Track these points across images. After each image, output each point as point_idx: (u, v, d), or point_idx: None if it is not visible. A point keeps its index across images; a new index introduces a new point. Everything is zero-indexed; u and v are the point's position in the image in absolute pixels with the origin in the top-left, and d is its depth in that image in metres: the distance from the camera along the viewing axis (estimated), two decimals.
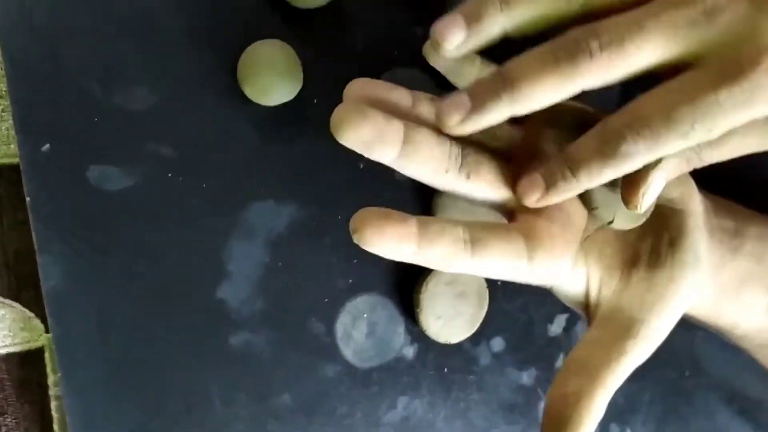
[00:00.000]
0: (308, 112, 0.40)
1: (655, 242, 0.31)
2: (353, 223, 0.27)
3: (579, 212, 0.32)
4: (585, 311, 0.33)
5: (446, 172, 0.29)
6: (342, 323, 0.42)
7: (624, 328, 0.30)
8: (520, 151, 0.31)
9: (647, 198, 0.28)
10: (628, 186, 0.28)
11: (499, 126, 0.30)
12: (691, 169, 0.29)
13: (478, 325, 0.44)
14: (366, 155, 0.28)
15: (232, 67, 0.39)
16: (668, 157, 0.27)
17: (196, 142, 0.39)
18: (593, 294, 0.32)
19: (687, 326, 0.35)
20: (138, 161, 0.38)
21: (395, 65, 0.41)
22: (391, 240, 0.26)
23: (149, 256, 0.39)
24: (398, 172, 0.28)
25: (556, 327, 0.46)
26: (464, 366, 0.45)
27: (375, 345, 0.43)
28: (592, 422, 0.28)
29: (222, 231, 0.40)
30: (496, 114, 0.27)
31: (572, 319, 0.46)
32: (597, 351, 0.29)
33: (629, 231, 0.31)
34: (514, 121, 0.30)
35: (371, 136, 0.27)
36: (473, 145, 0.30)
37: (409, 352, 0.43)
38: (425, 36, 0.30)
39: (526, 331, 0.46)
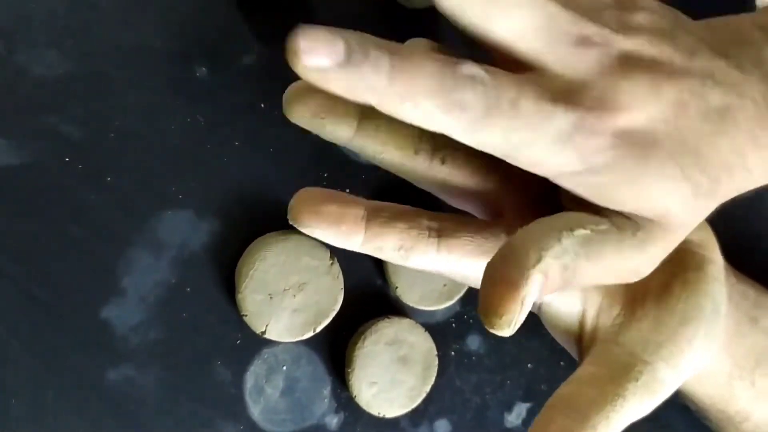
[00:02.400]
0: (258, 122, 0.37)
1: (666, 279, 0.29)
2: (291, 202, 0.25)
3: None
4: (577, 343, 0.30)
5: (416, 153, 0.27)
6: (254, 373, 0.37)
7: (623, 367, 0.27)
8: None
9: (525, 306, 0.22)
10: (501, 288, 0.22)
11: None
12: (564, 286, 0.24)
13: (420, 399, 0.38)
14: (319, 131, 0.26)
15: (168, 39, 0.35)
16: (547, 256, 0.22)
17: (108, 125, 0.35)
18: (589, 322, 0.29)
19: None
20: (32, 137, 0.34)
21: None
22: (330, 222, 0.25)
23: (23, 253, 0.34)
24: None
25: (515, 417, 0.40)
26: None
27: (291, 406, 0.37)
28: None
29: (121, 237, 0.35)
30: (363, 90, 0.21)
31: (535, 410, 0.40)
32: (589, 389, 0.26)
33: None
34: None
35: (321, 108, 0.26)
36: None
37: (333, 421, 0.38)
38: None
39: (477, 417, 0.40)
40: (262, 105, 0.37)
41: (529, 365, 0.41)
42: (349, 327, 0.38)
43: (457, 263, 0.26)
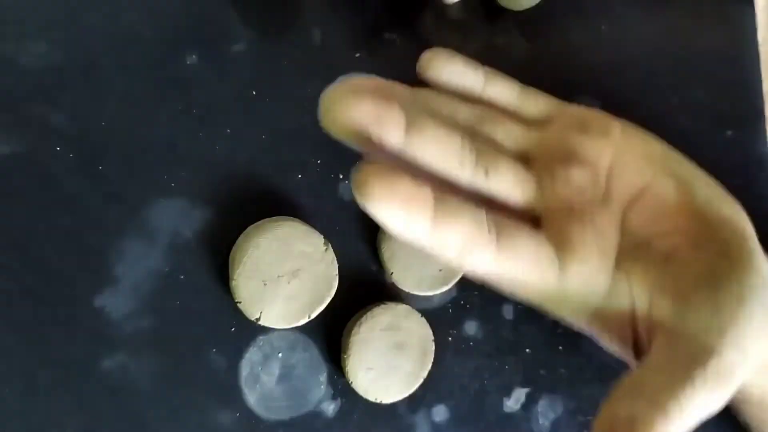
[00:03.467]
0: (250, 109, 0.36)
1: (713, 262, 0.28)
2: (358, 175, 0.23)
3: (609, 224, 0.29)
4: (632, 342, 0.29)
5: (461, 164, 0.26)
6: (249, 361, 0.36)
7: (691, 355, 0.26)
8: (541, 154, 0.29)
9: None
10: None
11: (515, 127, 0.29)
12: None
13: (417, 385, 0.37)
14: (365, 146, 0.25)
15: (157, 28, 0.34)
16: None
17: (98, 114, 0.35)
18: (642, 317, 0.28)
19: None
20: (22, 127, 0.34)
21: None
22: (403, 202, 0.23)
23: (15, 243, 0.33)
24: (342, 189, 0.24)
25: (514, 402, 0.40)
26: None
27: (287, 393, 0.37)
28: None
29: (113, 226, 0.35)
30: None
31: (534, 395, 0.40)
32: (658, 376, 0.25)
33: (679, 248, 0.28)
34: (531, 124, 0.29)
35: (367, 119, 0.24)
36: (487, 142, 0.28)
37: (329, 408, 0.37)
38: None
39: (476, 402, 0.39)
40: (254, 92, 0.37)
41: (527, 350, 0.40)
42: (345, 313, 0.37)
43: (515, 267, 0.25)
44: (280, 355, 0.36)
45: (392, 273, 0.37)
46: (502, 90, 0.30)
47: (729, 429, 0.41)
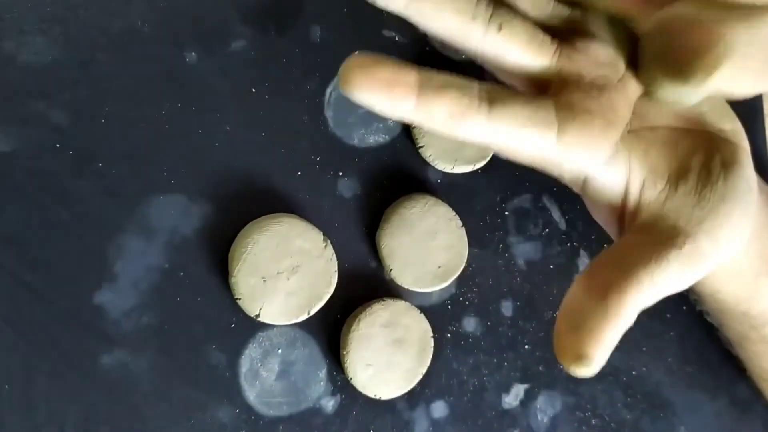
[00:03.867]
0: (249, 106, 0.36)
1: (706, 159, 0.29)
2: (342, 66, 0.24)
3: (621, 102, 0.29)
4: (618, 221, 0.30)
5: (473, 19, 0.26)
6: (249, 357, 0.36)
7: (667, 235, 0.27)
8: (564, 29, 0.29)
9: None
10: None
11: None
12: None
13: (416, 381, 0.38)
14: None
15: (157, 24, 0.34)
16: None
17: (97, 111, 0.34)
18: (633, 195, 0.29)
19: None
20: (21, 123, 0.33)
21: None
22: (384, 87, 0.24)
23: (14, 240, 0.33)
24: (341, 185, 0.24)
25: (512, 398, 0.40)
26: (395, 430, 0.38)
27: (287, 389, 0.36)
28: (620, 323, 0.25)
29: (112, 222, 0.34)
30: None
31: (533, 391, 0.40)
32: (633, 251, 0.26)
33: (679, 139, 0.29)
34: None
35: None
36: (505, 6, 0.28)
37: (329, 404, 0.37)
38: None
39: (475, 398, 0.39)
40: (253, 90, 0.37)
41: (526, 346, 0.40)
42: (344, 309, 0.37)
43: (508, 132, 0.26)
44: (279, 351, 0.36)
45: (391, 269, 0.37)
46: None
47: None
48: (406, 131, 0.39)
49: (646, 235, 0.28)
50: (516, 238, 0.40)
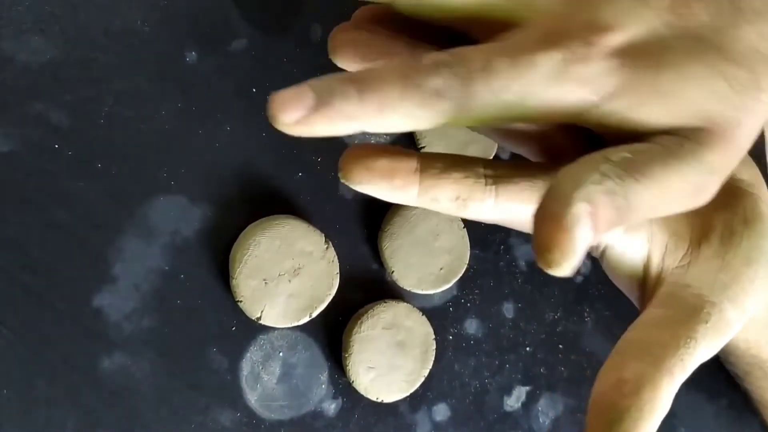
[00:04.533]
0: (250, 106, 0.36)
1: (728, 218, 0.28)
2: (341, 159, 0.24)
3: None
4: (640, 288, 0.29)
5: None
6: (250, 360, 0.36)
7: (693, 309, 0.26)
8: None
9: (578, 240, 0.20)
10: (547, 223, 0.21)
11: None
12: (623, 217, 0.23)
13: (418, 384, 0.37)
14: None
15: (157, 24, 0.34)
16: (587, 184, 0.21)
17: (97, 111, 0.34)
18: (655, 263, 0.28)
19: None
20: (20, 124, 0.33)
21: None
22: (383, 175, 0.24)
23: (13, 242, 0.33)
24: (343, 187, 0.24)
25: (514, 400, 0.39)
26: None
27: (289, 393, 0.36)
28: (656, 417, 0.24)
29: (112, 224, 0.34)
30: (344, 120, 0.22)
31: (534, 393, 0.40)
32: (660, 332, 0.25)
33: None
34: None
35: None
36: None
37: (331, 407, 0.37)
38: None
39: (477, 401, 0.39)
40: (254, 90, 0.37)
41: (527, 348, 0.40)
42: (346, 312, 0.37)
43: (516, 210, 0.25)
44: (280, 354, 0.36)
45: (393, 271, 0.37)
46: None
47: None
48: (408, 133, 0.39)
49: (669, 308, 0.27)
50: (517, 239, 0.40)
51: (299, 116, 0.21)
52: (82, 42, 0.34)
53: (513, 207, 0.25)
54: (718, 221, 0.28)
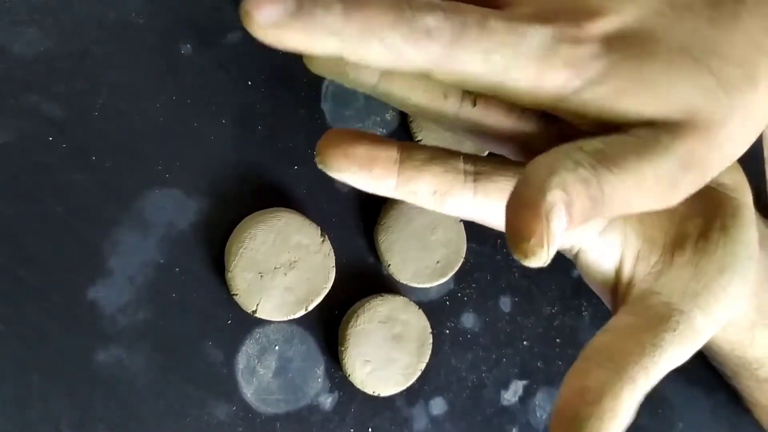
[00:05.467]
0: (246, 99, 0.35)
1: (705, 224, 0.28)
2: (319, 144, 0.23)
3: None
4: (612, 293, 0.29)
5: (446, 97, 0.25)
6: (246, 353, 0.35)
7: (661, 317, 0.26)
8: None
9: (553, 228, 0.20)
10: (522, 211, 0.20)
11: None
12: (598, 209, 0.22)
13: (415, 378, 0.37)
14: (339, 79, 0.24)
15: (151, 16, 0.33)
16: (561, 171, 0.21)
17: (91, 104, 0.34)
18: (626, 269, 0.28)
19: None
20: (13, 116, 0.32)
21: None
22: (362, 163, 0.23)
23: (6, 234, 0.32)
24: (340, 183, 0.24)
25: (511, 394, 0.39)
26: (393, 427, 0.38)
27: (284, 386, 0.36)
28: (616, 426, 0.23)
29: (107, 217, 0.34)
30: (323, 34, 0.19)
31: (531, 388, 0.40)
32: (626, 340, 0.25)
33: (679, 207, 0.26)
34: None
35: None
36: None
37: (327, 401, 0.36)
38: None
39: (473, 395, 0.39)
40: (249, 82, 0.36)
41: (524, 342, 0.40)
42: (342, 305, 0.37)
43: (494, 208, 0.25)
44: (276, 347, 0.36)
45: (389, 265, 0.37)
46: None
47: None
48: (404, 125, 0.38)
49: (638, 315, 0.26)
50: None
51: (275, 18, 0.18)
52: (77, 34, 0.33)
53: (491, 205, 0.25)
54: (693, 228, 0.27)
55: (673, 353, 0.25)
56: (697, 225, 0.27)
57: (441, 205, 0.25)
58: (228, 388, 0.35)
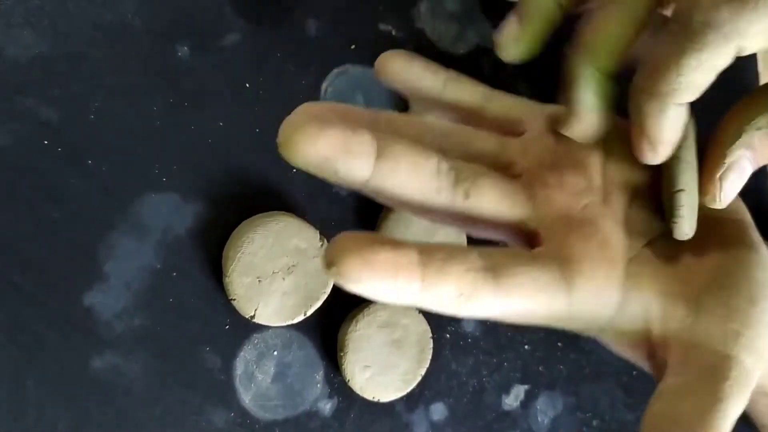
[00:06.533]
0: (243, 102, 0.35)
1: (721, 259, 0.27)
2: (329, 251, 0.20)
3: (614, 229, 0.27)
4: (650, 358, 0.27)
5: (438, 192, 0.24)
6: (244, 359, 0.35)
7: (712, 368, 0.25)
8: (524, 161, 0.27)
9: (727, 185, 0.24)
10: (703, 168, 0.25)
11: (490, 136, 0.27)
12: None
13: (415, 383, 0.37)
14: (328, 177, 0.22)
15: (148, 18, 0.34)
16: (749, 128, 0.23)
17: (87, 107, 0.33)
18: (657, 330, 0.26)
19: None
20: (9, 119, 0.32)
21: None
22: (385, 273, 0.20)
23: (2, 239, 0.32)
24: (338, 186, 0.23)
25: (513, 399, 0.39)
26: None
27: (283, 392, 0.36)
28: None
29: (103, 221, 0.34)
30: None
31: (533, 392, 0.39)
32: (685, 403, 0.24)
33: (685, 248, 0.27)
34: (505, 130, 0.27)
35: (333, 149, 0.22)
36: (463, 156, 0.26)
37: (326, 406, 0.36)
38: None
39: (474, 400, 0.39)
40: (247, 85, 0.36)
41: (525, 347, 0.40)
42: (341, 310, 0.37)
43: (519, 303, 0.24)
44: (275, 353, 0.36)
45: None
46: (464, 91, 0.28)
47: None
48: None
49: (687, 374, 0.25)
50: None
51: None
52: (72, 36, 0.33)
53: (512, 302, 0.23)
54: (709, 265, 0.27)
55: (736, 402, 0.24)
56: (713, 261, 0.27)
57: (465, 307, 0.22)
58: (226, 394, 0.35)
